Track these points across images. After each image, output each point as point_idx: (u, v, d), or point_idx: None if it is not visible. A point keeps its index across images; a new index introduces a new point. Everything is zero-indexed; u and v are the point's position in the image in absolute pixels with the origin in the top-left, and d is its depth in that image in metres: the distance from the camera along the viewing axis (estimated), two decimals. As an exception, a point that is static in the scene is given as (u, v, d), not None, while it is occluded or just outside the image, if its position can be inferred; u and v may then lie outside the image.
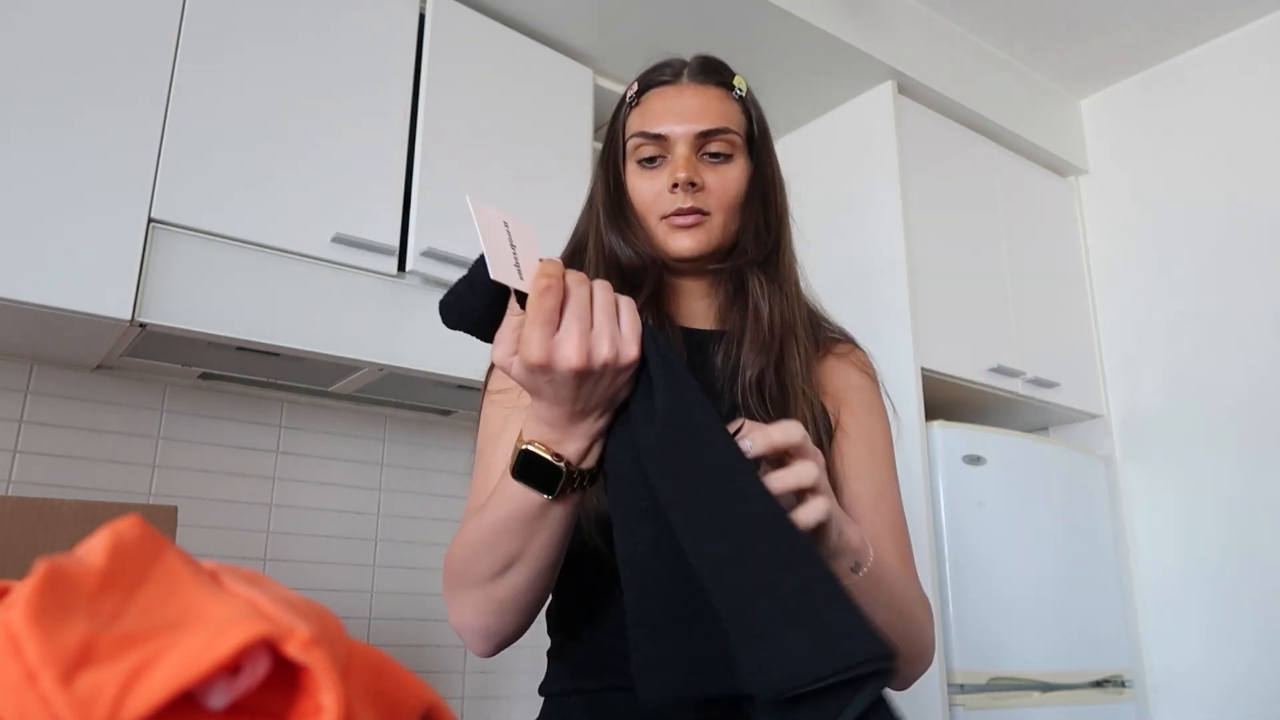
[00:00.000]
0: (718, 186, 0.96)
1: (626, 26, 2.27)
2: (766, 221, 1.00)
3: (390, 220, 1.87)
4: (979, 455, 2.29)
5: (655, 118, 0.97)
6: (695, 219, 0.95)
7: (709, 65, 1.01)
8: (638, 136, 0.97)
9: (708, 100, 0.98)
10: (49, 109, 1.54)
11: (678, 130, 0.96)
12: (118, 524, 0.32)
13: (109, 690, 0.25)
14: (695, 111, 0.96)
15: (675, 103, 0.97)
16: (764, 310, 0.96)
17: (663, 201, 0.96)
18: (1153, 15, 2.61)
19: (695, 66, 1.01)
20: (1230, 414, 2.49)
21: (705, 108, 0.97)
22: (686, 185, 0.94)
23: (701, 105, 0.97)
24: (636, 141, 0.97)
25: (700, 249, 0.96)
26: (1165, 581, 2.55)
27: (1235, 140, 2.61)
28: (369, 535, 2.12)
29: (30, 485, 1.76)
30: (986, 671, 2.13)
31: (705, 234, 0.96)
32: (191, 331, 1.61)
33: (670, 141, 0.96)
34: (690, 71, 1.00)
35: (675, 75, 1.00)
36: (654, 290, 0.97)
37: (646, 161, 0.98)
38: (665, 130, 0.96)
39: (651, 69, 1.02)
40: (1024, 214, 2.77)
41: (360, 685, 0.31)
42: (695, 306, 1.02)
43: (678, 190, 0.94)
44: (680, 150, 0.95)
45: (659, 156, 0.97)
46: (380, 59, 1.94)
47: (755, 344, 0.95)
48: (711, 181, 0.96)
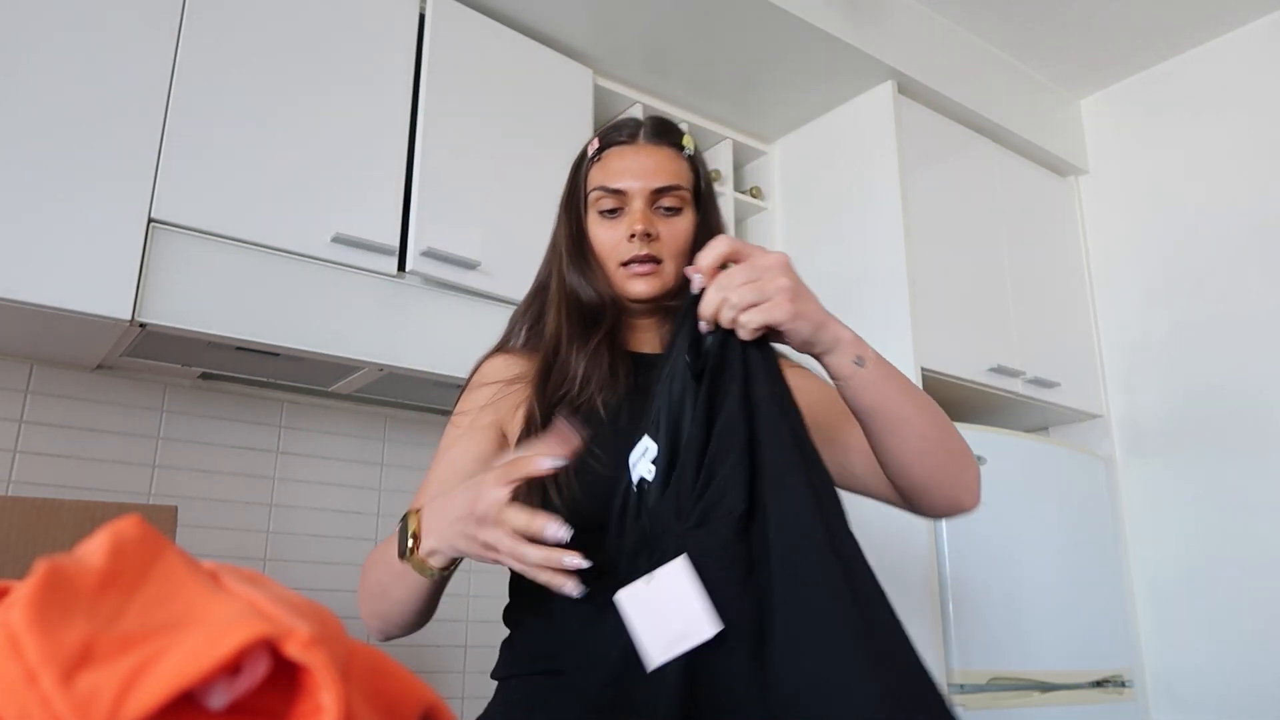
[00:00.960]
0: (669, 236, 1.09)
1: (626, 26, 2.27)
2: None
3: (390, 220, 1.87)
4: (979, 455, 2.29)
5: (615, 174, 1.10)
6: (650, 267, 1.09)
7: (662, 128, 1.14)
8: (599, 190, 1.10)
9: (661, 159, 1.10)
10: (48, 109, 1.54)
11: (635, 186, 1.08)
12: (118, 524, 0.32)
13: (109, 690, 0.25)
14: (650, 170, 1.09)
15: (633, 161, 1.10)
16: None
17: (621, 249, 1.08)
18: (1153, 15, 2.61)
19: (650, 128, 1.13)
20: (1230, 414, 2.49)
21: (659, 166, 1.10)
22: (643, 236, 1.07)
23: (656, 164, 1.10)
24: (598, 194, 1.10)
25: (654, 292, 1.10)
26: (1165, 581, 2.55)
27: (1236, 140, 2.61)
28: (369, 535, 2.12)
29: (30, 485, 1.76)
30: (986, 671, 2.13)
31: (659, 279, 1.10)
32: (191, 331, 1.61)
33: (629, 196, 1.09)
34: (646, 133, 1.13)
35: (632, 136, 1.13)
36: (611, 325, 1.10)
37: (607, 213, 1.10)
38: (624, 186, 1.09)
39: (611, 128, 1.15)
40: (1024, 214, 2.77)
41: (360, 685, 0.31)
42: (645, 336, 1.16)
43: (635, 240, 1.07)
44: (637, 204, 1.08)
45: (618, 209, 1.09)
46: (380, 59, 1.94)
47: None
48: (664, 232, 1.09)
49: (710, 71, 2.46)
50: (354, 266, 1.80)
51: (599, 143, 1.14)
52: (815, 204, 2.64)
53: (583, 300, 1.10)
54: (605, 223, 1.10)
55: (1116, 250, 2.84)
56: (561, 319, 1.10)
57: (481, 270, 1.95)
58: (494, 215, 2.02)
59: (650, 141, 1.12)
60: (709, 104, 2.60)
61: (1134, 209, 2.82)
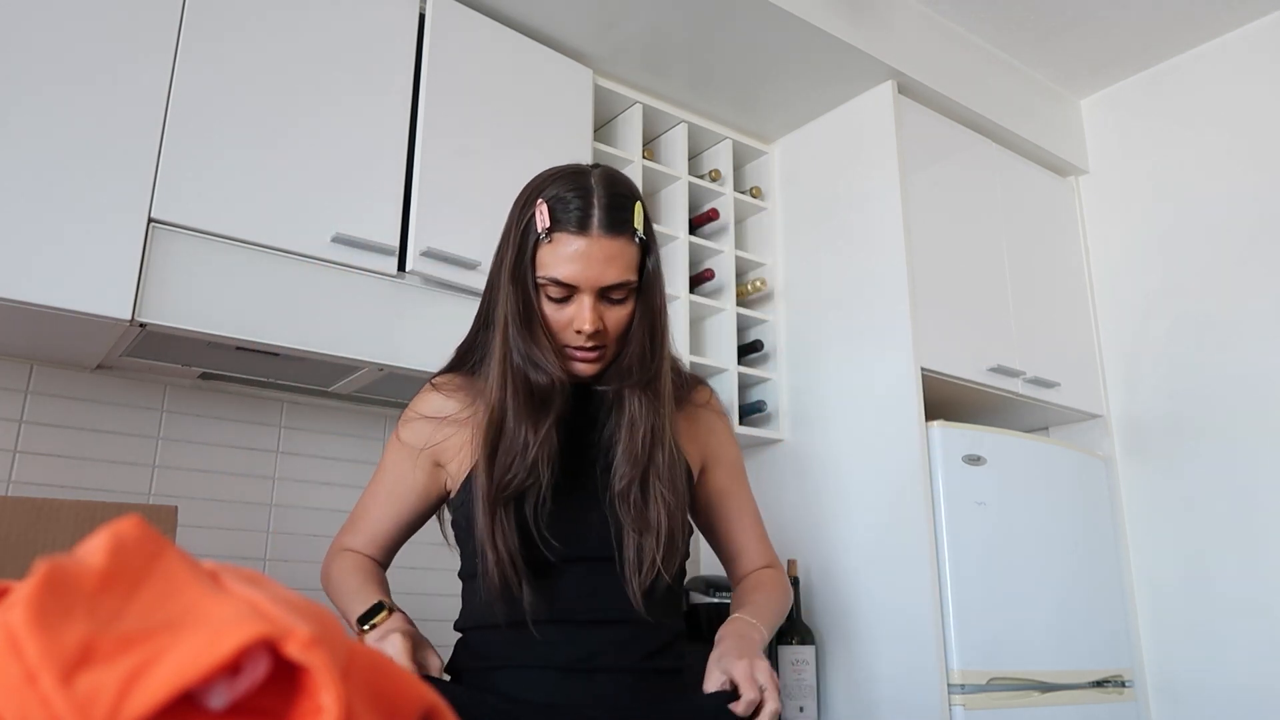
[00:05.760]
0: (614, 324, 1.17)
1: (626, 26, 2.27)
2: (652, 348, 1.21)
3: (390, 220, 1.87)
4: (979, 455, 2.29)
5: (566, 267, 1.13)
6: (595, 354, 1.18)
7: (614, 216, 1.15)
8: (550, 283, 1.14)
9: (611, 253, 1.14)
10: (49, 109, 1.54)
11: (586, 284, 1.13)
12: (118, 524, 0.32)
13: (109, 690, 0.25)
14: (601, 267, 1.13)
15: (586, 255, 1.13)
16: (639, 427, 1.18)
17: (568, 335, 1.16)
18: (1153, 15, 2.61)
19: (602, 219, 1.13)
20: (1230, 414, 2.49)
21: (609, 262, 1.13)
22: (590, 334, 1.14)
23: (605, 259, 1.13)
24: (547, 284, 1.15)
25: (595, 372, 1.21)
26: (1165, 581, 2.55)
27: (1236, 140, 2.61)
28: (369, 535, 2.12)
29: (30, 485, 1.76)
30: (986, 671, 2.13)
31: (601, 361, 1.20)
32: (191, 331, 1.61)
33: (579, 291, 1.14)
34: (599, 223, 1.13)
35: (582, 225, 1.13)
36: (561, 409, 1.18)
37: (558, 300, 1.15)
38: (576, 283, 1.14)
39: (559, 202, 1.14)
40: (1024, 214, 2.77)
41: (360, 686, 0.31)
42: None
43: (582, 335, 1.15)
44: (587, 301, 1.13)
45: (568, 296, 1.15)
46: (380, 59, 1.94)
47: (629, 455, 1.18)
48: (609, 320, 1.16)
49: (710, 71, 2.46)
50: (354, 266, 1.80)
51: (548, 218, 1.14)
52: (815, 204, 2.64)
53: (531, 381, 1.16)
54: (554, 305, 1.16)
55: (1116, 250, 2.84)
56: (507, 394, 1.17)
57: (481, 270, 1.95)
58: (494, 215, 2.01)
59: (603, 233, 1.14)
60: (709, 104, 2.60)
61: (1134, 209, 2.82)
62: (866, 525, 2.24)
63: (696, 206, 2.64)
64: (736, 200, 2.65)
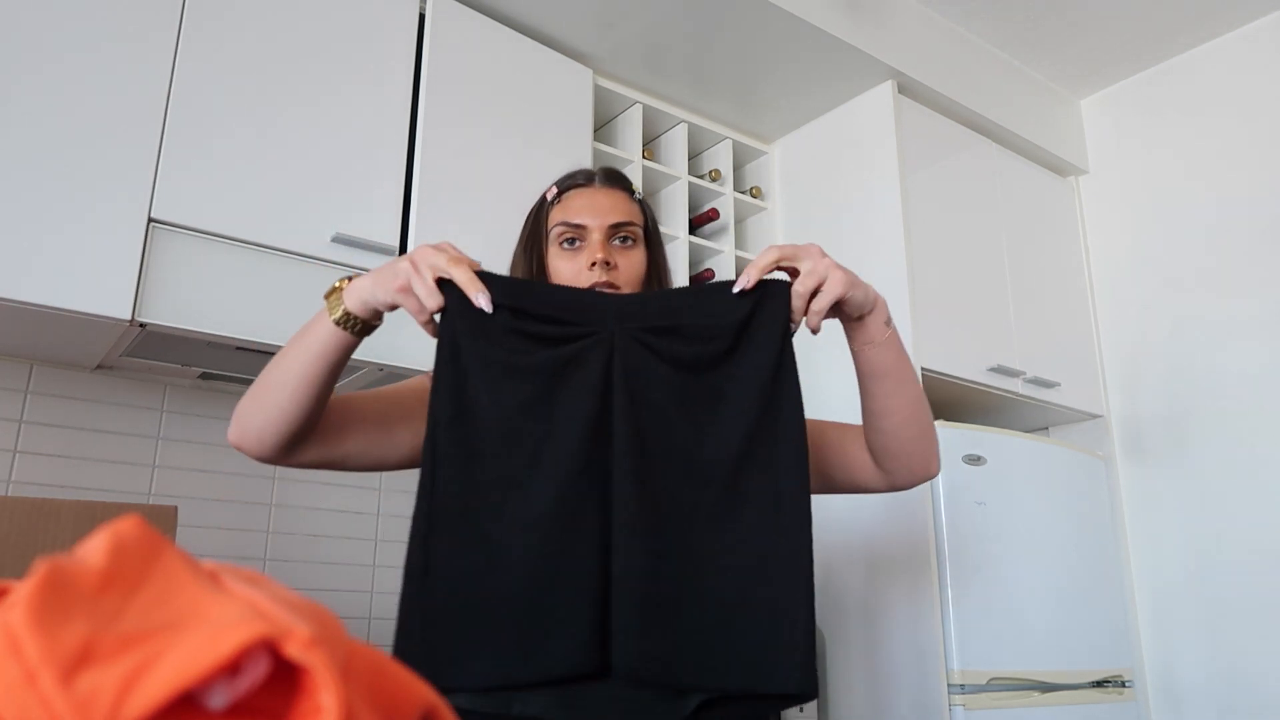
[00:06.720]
0: (625, 266, 1.19)
1: (626, 26, 2.27)
2: None
3: (390, 220, 1.87)
4: (979, 455, 2.29)
5: (575, 211, 1.20)
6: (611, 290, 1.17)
7: (614, 175, 1.26)
8: (561, 225, 1.19)
9: (616, 200, 1.21)
10: (49, 109, 1.54)
11: (594, 221, 1.18)
12: (118, 524, 0.32)
13: (109, 690, 0.25)
14: (607, 208, 1.20)
15: (591, 200, 1.20)
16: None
17: (582, 277, 1.17)
18: (1153, 15, 2.61)
19: (604, 175, 1.25)
20: (1230, 414, 2.49)
21: (614, 205, 1.21)
22: (603, 263, 1.16)
23: (611, 203, 1.21)
24: (560, 229, 1.19)
25: None
26: (1165, 581, 2.55)
27: (1235, 140, 2.61)
28: (369, 535, 2.12)
29: (30, 485, 1.76)
30: (986, 671, 2.13)
31: None
32: (191, 331, 1.61)
33: (588, 230, 1.18)
34: (601, 178, 1.24)
35: (588, 179, 1.24)
36: None
37: (568, 243, 1.19)
38: (584, 221, 1.18)
39: (567, 176, 1.26)
40: (1024, 214, 2.77)
41: (360, 686, 0.31)
42: None
43: (595, 268, 1.16)
44: (596, 238, 1.18)
45: (578, 240, 1.18)
46: (380, 59, 1.94)
47: None
48: (621, 262, 1.18)
49: (710, 71, 2.46)
50: (354, 266, 1.80)
51: (557, 189, 1.25)
52: (815, 204, 2.64)
53: None
54: (566, 255, 1.19)
55: (1116, 250, 2.84)
56: None
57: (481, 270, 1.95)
58: (495, 216, 2.02)
59: (605, 185, 1.23)
60: (709, 104, 2.60)
61: (1134, 209, 2.82)
62: (866, 525, 2.24)
63: (696, 206, 2.64)
64: (736, 200, 2.65)
